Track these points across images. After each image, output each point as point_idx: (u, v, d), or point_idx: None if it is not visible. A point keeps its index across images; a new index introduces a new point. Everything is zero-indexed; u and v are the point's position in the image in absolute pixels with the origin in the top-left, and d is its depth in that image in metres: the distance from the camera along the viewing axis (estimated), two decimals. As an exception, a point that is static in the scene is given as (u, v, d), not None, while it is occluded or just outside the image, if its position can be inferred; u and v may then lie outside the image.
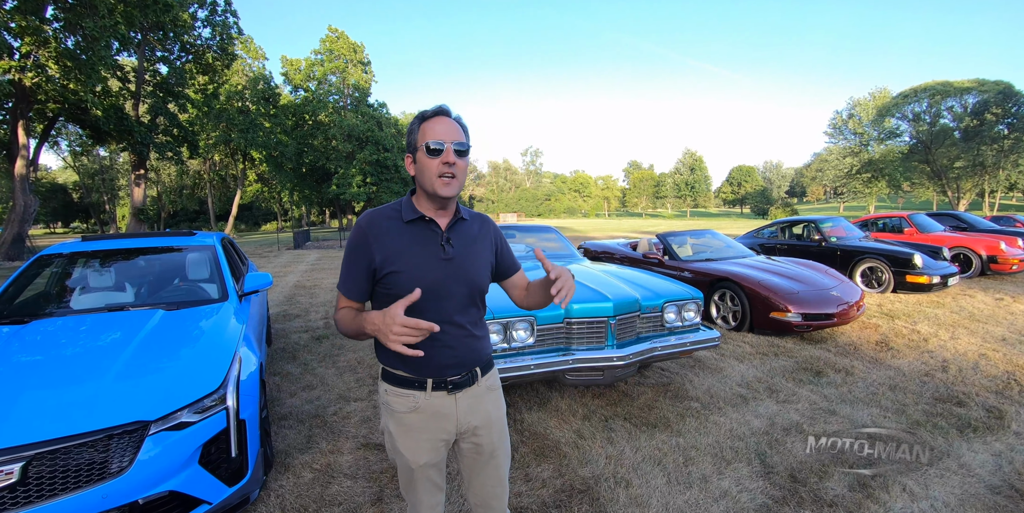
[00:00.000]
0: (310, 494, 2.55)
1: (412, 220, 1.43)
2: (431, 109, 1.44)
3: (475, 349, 1.50)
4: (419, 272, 1.39)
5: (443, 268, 1.42)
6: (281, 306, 7.79)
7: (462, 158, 1.39)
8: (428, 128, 1.39)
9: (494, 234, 1.61)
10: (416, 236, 1.43)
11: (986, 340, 5.20)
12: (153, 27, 22.26)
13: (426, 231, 1.44)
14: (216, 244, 4.04)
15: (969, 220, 12.05)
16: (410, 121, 1.67)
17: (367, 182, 41.24)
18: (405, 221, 1.43)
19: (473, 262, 1.48)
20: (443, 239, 1.44)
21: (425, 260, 1.40)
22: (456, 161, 1.37)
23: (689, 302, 3.83)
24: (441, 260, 1.42)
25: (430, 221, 1.44)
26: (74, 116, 19.37)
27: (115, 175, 52.74)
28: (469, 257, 1.48)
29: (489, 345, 1.59)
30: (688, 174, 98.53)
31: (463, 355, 1.47)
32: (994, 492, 2.53)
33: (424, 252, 1.41)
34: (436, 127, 1.39)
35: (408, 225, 1.43)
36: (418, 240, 1.42)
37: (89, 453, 1.87)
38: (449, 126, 1.39)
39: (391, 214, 1.46)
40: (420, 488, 1.52)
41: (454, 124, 1.41)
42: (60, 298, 3.47)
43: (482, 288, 1.51)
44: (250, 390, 2.45)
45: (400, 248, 1.40)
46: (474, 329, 1.50)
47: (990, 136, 34.62)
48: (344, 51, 42.15)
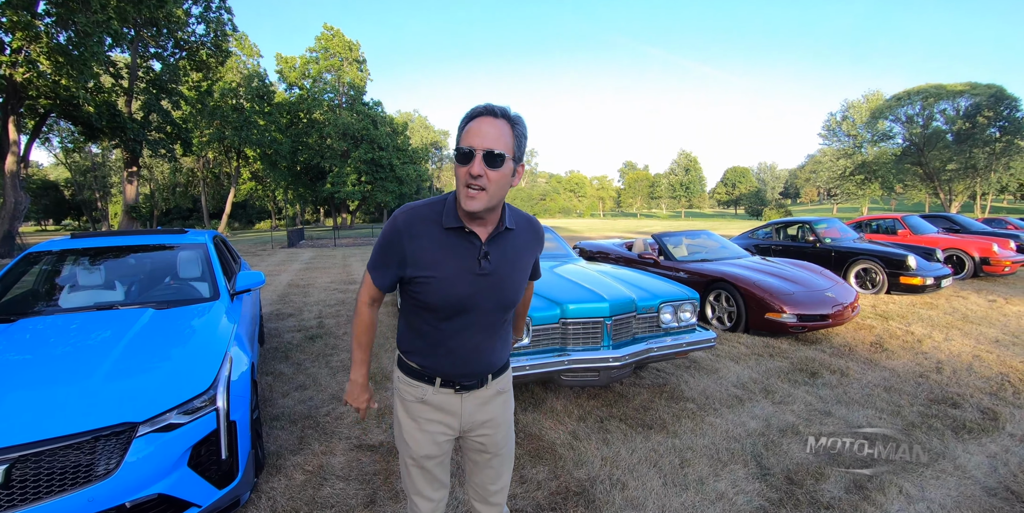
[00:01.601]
0: (302, 496, 2.51)
1: (452, 228, 1.33)
2: (480, 106, 1.26)
3: (488, 361, 1.46)
4: (449, 285, 1.32)
5: (476, 283, 1.34)
6: (274, 305, 7.73)
7: (495, 168, 1.22)
8: (468, 129, 1.24)
9: (539, 245, 1.53)
10: (453, 246, 1.33)
11: (979, 341, 5.21)
12: (147, 23, 22.08)
13: (464, 243, 1.34)
14: (208, 242, 3.99)
15: (962, 222, 12.12)
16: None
17: (362, 181, 41.10)
18: (445, 227, 1.33)
19: (510, 277, 1.40)
20: (481, 253, 1.34)
21: (458, 273, 1.32)
22: (485, 172, 1.21)
23: (685, 302, 3.81)
24: (476, 275, 1.34)
25: (470, 233, 1.33)
26: (66, 112, 19.13)
27: (107, 172, 52.24)
28: (507, 272, 1.39)
29: (507, 351, 1.54)
30: (683, 175, 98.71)
31: (475, 366, 1.44)
32: (990, 494, 2.53)
33: (459, 265, 1.33)
34: (473, 128, 1.23)
35: (447, 232, 1.33)
36: (454, 251, 1.33)
37: (75, 455, 1.83)
38: (491, 128, 1.22)
39: (431, 216, 1.35)
40: (419, 480, 1.50)
41: (499, 126, 1.23)
42: (48, 296, 3.41)
43: (514, 302, 1.45)
44: (241, 391, 2.41)
45: (434, 257, 1.32)
46: (493, 343, 1.45)
47: (982, 139, 34.83)
48: (339, 49, 42.01)
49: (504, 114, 1.25)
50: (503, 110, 1.25)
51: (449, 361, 1.40)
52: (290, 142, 38.84)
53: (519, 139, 1.27)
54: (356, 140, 41.38)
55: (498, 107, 1.25)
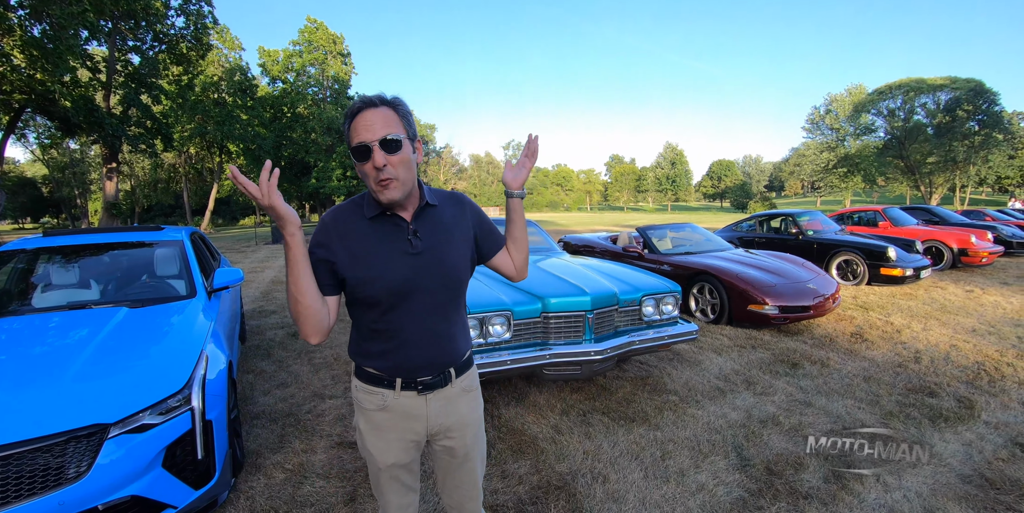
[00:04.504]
0: (281, 495, 2.49)
1: (374, 216, 1.32)
2: (356, 102, 1.24)
3: (448, 350, 1.40)
4: (385, 272, 1.28)
5: (412, 264, 1.30)
6: (257, 302, 7.64)
7: (396, 153, 1.22)
8: (354, 127, 1.22)
9: (472, 215, 1.47)
10: (381, 234, 1.32)
11: (957, 331, 5.30)
12: (124, 15, 21.54)
13: (390, 226, 1.32)
14: (185, 239, 3.92)
15: (941, 214, 12.30)
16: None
17: (347, 176, 40.63)
18: (368, 218, 1.32)
19: (447, 253, 1.36)
20: (409, 232, 1.32)
21: (391, 258, 1.30)
22: (388, 160, 1.21)
23: (667, 295, 3.83)
24: (409, 255, 1.30)
25: (392, 215, 1.33)
26: (42, 107, 18.67)
27: (86, 169, 51.20)
28: (442, 248, 1.35)
29: (467, 344, 1.48)
30: (669, 168, 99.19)
31: (434, 356, 1.38)
32: (965, 481, 2.57)
33: (390, 250, 1.30)
34: (359, 123, 1.21)
35: (372, 222, 1.32)
36: (383, 237, 1.31)
37: (44, 458, 1.79)
38: (376, 117, 1.21)
39: (354, 210, 1.35)
40: (387, 488, 1.46)
41: (382, 113, 1.22)
42: (20, 296, 3.33)
43: (459, 280, 1.39)
44: (218, 390, 2.38)
45: (366, 249, 1.30)
46: (448, 328, 1.40)
47: (961, 132, 35.34)
48: (323, 42, 41.41)
49: (382, 101, 1.25)
50: (379, 98, 1.25)
51: (406, 353, 1.34)
52: (274, 137, 38.30)
53: (406, 118, 1.27)
54: (341, 134, 40.90)
55: (373, 97, 1.25)
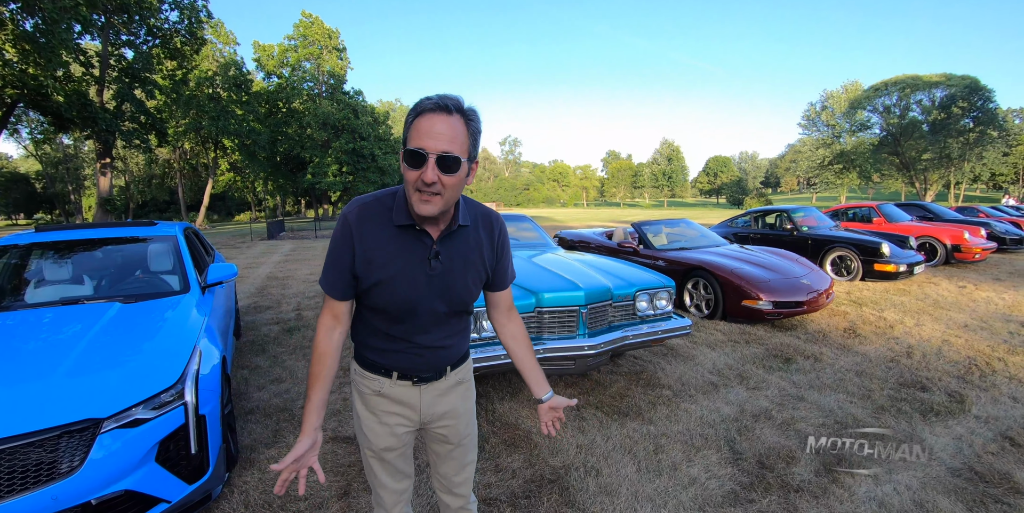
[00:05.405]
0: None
1: (402, 226, 1.25)
2: (430, 100, 1.11)
3: (449, 356, 1.43)
4: (400, 287, 1.26)
5: (426, 285, 1.28)
6: (252, 298, 7.63)
7: (450, 174, 1.11)
8: (417, 127, 1.11)
9: (499, 245, 1.41)
10: (404, 245, 1.26)
11: (949, 326, 5.34)
12: (117, 9, 21.42)
13: (414, 240, 1.26)
14: (178, 234, 3.90)
15: (935, 210, 12.37)
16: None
17: (343, 171, 40.60)
18: (395, 224, 1.25)
19: (461, 279, 1.32)
20: (431, 253, 1.27)
21: (408, 274, 1.26)
22: (441, 179, 1.11)
23: (661, 290, 3.84)
24: (426, 276, 1.27)
25: (421, 231, 1.26)
26: (34, 102, 18.57)
27: (80, 164, 50.85)
28: (457, 273, 1.31)
29: (466, 344, 1.51)
30: (666, 164, 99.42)
31: (433, 362, 1.41)
32: (955, 475, 2.59)
33: (407, 263, 1.26)
34: (424, 126, 1.10)
35: (398, 230, 1.26)
36: (405, 250, 1.26)
37: (37, 453, 1.79)
38: (445, 127, 1.09)
39: (381, 211, 1.26)
40: (380, 472, 1.49)
41: (453, 124, 1.10)
42: (13, 292, 3.31)
43: (465, 303, 1.37)
44: (211, 385, 2.38)
45: (383, 259, 1.25)
46: (451, 338, 1.41)
47: (956, 129, 35.51)
48: (318, 37, 41.24)
49: (458, 109, 1.12)
50: (457, 104, 1.12)
51: (405, 358, 1.37)
52: (269, 132, 38.12)
53: (474, 137, 1.16)
54: (337, 130, 40.79)
55: (451, 101, 1.11)
